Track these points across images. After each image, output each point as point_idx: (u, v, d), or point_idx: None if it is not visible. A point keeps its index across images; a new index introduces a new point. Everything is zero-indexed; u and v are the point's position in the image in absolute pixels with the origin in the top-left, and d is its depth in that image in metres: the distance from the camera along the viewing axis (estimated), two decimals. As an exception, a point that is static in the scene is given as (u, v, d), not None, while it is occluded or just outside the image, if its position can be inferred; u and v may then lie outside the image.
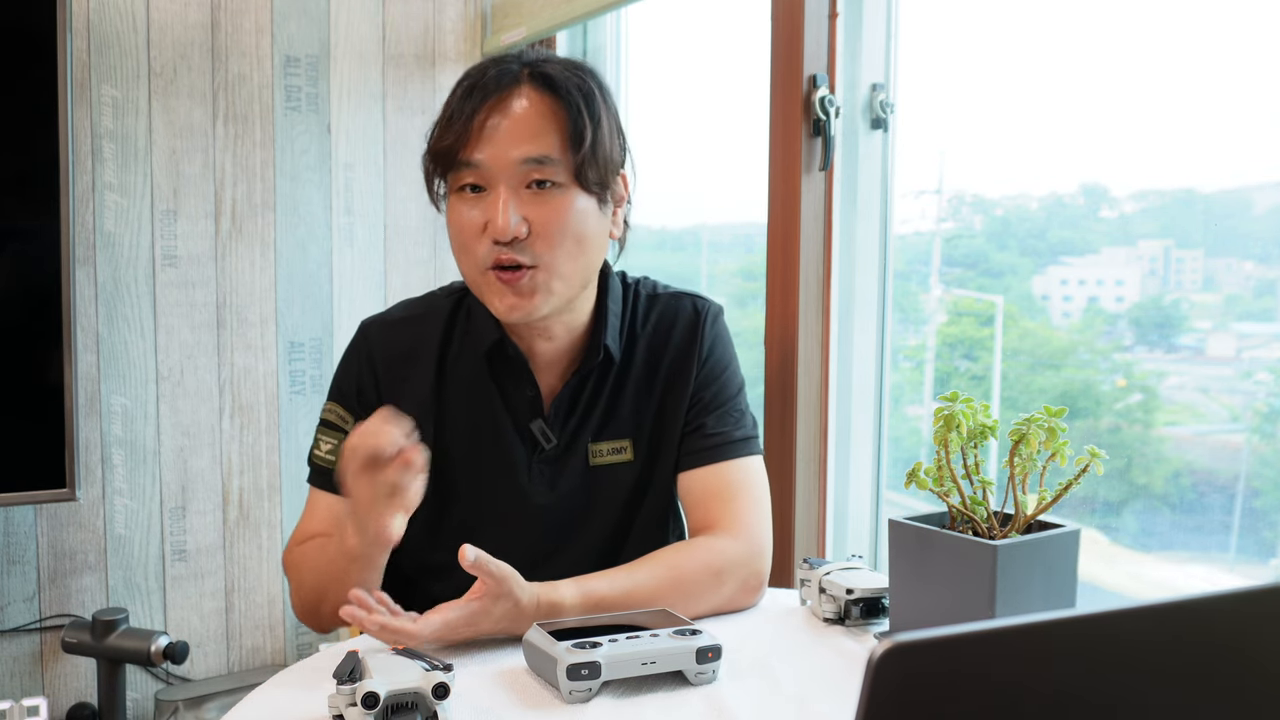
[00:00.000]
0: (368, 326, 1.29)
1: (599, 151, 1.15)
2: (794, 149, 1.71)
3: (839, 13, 1.73)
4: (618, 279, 1.30)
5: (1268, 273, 1.39)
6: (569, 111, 1.14)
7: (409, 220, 2.51)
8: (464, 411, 1.25)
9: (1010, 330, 1.68)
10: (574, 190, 1.14)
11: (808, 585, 1.16)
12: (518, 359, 1.23)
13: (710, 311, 1.30)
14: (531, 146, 1.12)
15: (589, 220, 1.16)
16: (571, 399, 1.25)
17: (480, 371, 1.25)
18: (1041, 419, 0.96)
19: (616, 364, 1.26)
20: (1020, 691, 0.48)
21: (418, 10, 2.50)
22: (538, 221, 1.13)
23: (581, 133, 1.13)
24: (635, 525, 1.28)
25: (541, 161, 1.12)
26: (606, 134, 1.17)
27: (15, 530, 2.17)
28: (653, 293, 1.31)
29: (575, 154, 1.13)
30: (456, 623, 1.01)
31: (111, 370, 2.22)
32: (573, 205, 1.14)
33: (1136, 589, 1.52)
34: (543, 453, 1.24)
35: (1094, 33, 1.53)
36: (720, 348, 1.29)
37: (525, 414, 1.24)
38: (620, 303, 1.28)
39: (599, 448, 1.25)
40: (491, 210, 1.12)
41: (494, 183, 1.13)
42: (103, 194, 2.20)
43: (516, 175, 1.13)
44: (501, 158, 1.12)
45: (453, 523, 1.26)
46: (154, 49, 2.23)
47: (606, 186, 1.18)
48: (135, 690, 2.29)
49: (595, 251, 1.19)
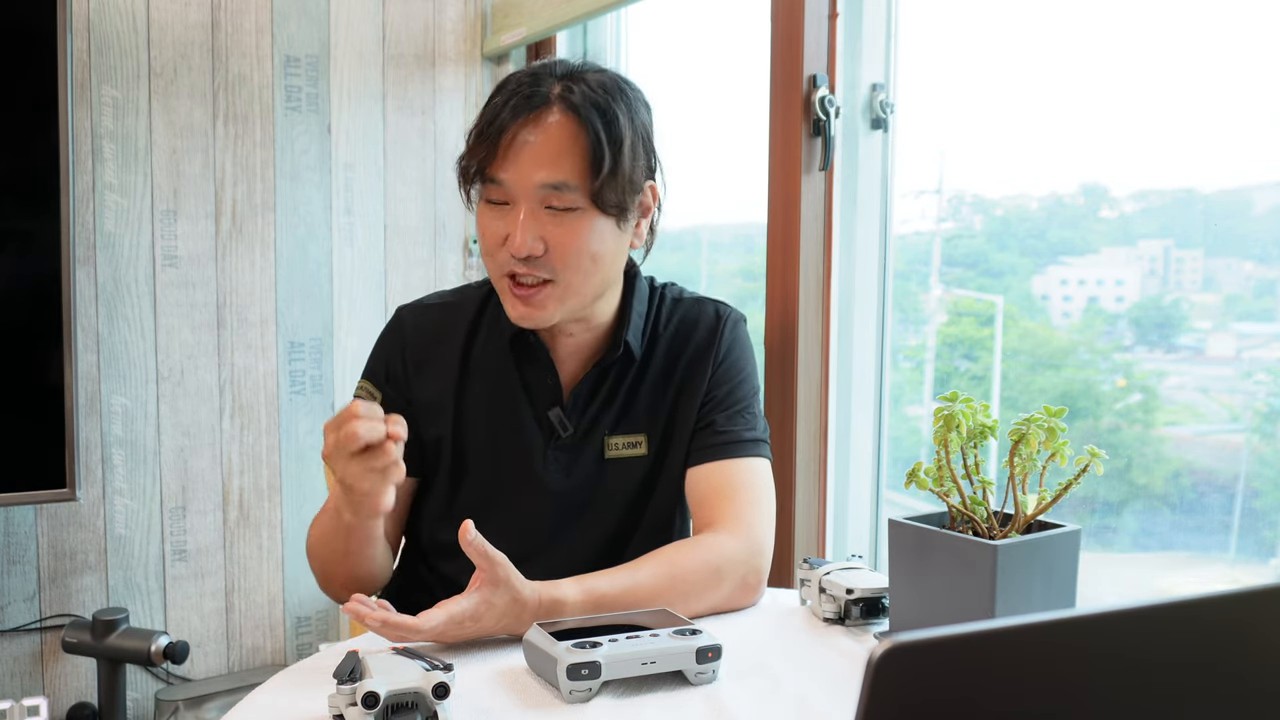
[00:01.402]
0: (402, 311, 1.35)
1: (619, 175, 1.17)
2: (794, 149, 1.71)
3: (839, 13, 1.73)
4: (645, 282, 1.33)
5: (1268, 273, 1.39)
6: (589, 138, 1.16)
7: (409, 220, 2.51)
8: (486, 395, 1.29)
9: (1010, 330, 1.68)
10: (591, 213, 1.17)
11: (808, 585, 1.16)
12: (539, 346, 1.27)
13: (731, 317, 1.34)
14: (550, 172, 1.15)
15: (606, 240, 1.19)
16: (591, 390, 1.28)
17: (505, 358, 1.28)
18: (1041, 419, 0.96)
19: (637, 361, 1.29)
20: (1020, 691, 0.48)
21: (418, 10, 2.50)
22: (554, 242, 1.16)
23: (600, 160, 1.16)
24: (644, 519, 1.30)
25: (559, 187, 1.15)
26: (628, 157, 1.19)
27: (15, 530, 2.17)
28: (678, 297, 1.35)
29: (594, 180, 1.16)
30: (460, 616, 1.02)
31: (111, 370, 2.22)
32: (590, 227, 1.17)
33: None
34: (559, 440, 1.27)
35: (1094, 32, 1.53)
36: (738, 351, 1.32)
37: (545, 401, 1.28)
38: (645, 303, 1.32)
39: (615, 440, 1.28)
40: (512, 226, 1.16)
41: (516, 201, 1.17)
42: (103, 194, 2.20)
43: (536, 196, 1.16)
44: (523, 180, 1.15)
45: (466, 502, 1.29)
46: (154, 49, 2.23)
47: (626, 208, 1.21)
48: (135, 690, 2.29)
49: (612, 266, 1.23)
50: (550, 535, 1.28)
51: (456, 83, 2.56)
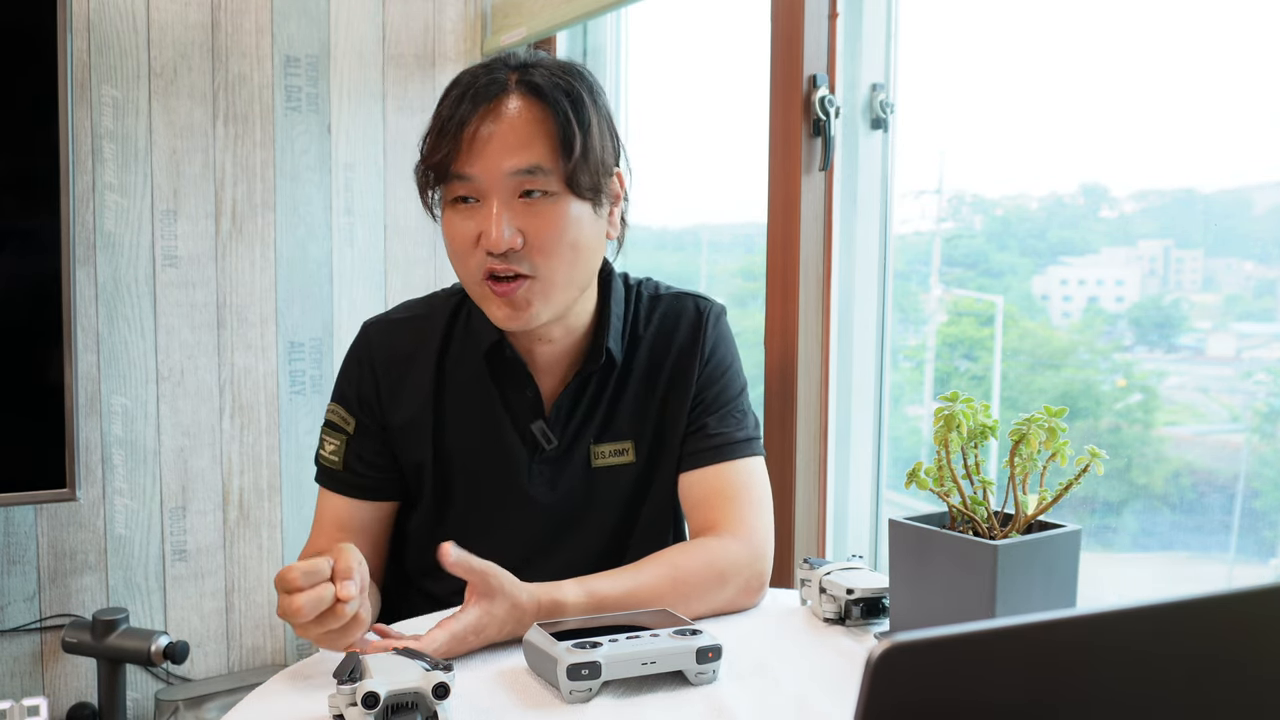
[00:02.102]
0: (368, 328, 1.30)
1: (590, 157, 1.14)
2: (794, 149, 1.71)
3: (839, 13, 1.73)
4: (620, 280, 1.30)
5: (1268, 273, 1.39)
6: (557, 119, 1.13)
7: (409, 220, 2.51)
8: (464, 412, 1.25)
9: (1010, 330, 1.68)
10: (567, 197, 1.14)
11: (808, 585, 1.16)
12: (515, 361, 1.23)
13: (713, 312, 1.30)
14: (522, 157, 1.11)
15: (584, 226, 1.16)
16: (573, 401, 1.25)
17: (481, 372, 1.25)
18: (1042, 419, 0.96)
19: (619, 366, 1.26)
20: (1020, 691, 0.48)
21: (418, 10, 2.50)
22: (532, 232, 1.12)
23: (571, 140, 1.12)
24: (637, 526, 1.28)
25: (532, 172, 1.12)
26: (597, 137, 1.16)
27: (15, 530, 2.17)
28: (655, 294, 1.31)
29: (566, 162, 1.12)
30: (463, 633, 1.01)
31: (111, 370, 2.22)
32: (566, 213, 1.14)
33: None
34: (543, 454, 1.25)
35: (1094, 32, 1.53)
36: (723, 348, 1.29)
37: (526, 415, 1.25)
38: (623, 304, 1.28)
39: (601, 449, 1.26)
40: (485, 222, 1.12)
41: (486, 195, 1.13)
42: (103, 194, 2.20)
43: (508, 187, 1.12)
44: (493, 170, 1.12)
45: (453, 523, 1.26)
46: (154, 49, 2.23)
47: (600, 190, 1.17)
48: (135, 690, 2.29)
49: (592, 256, 1.19)
50: (543, 549, 1.25)
51: (456, 83, 2.56)
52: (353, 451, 1.26)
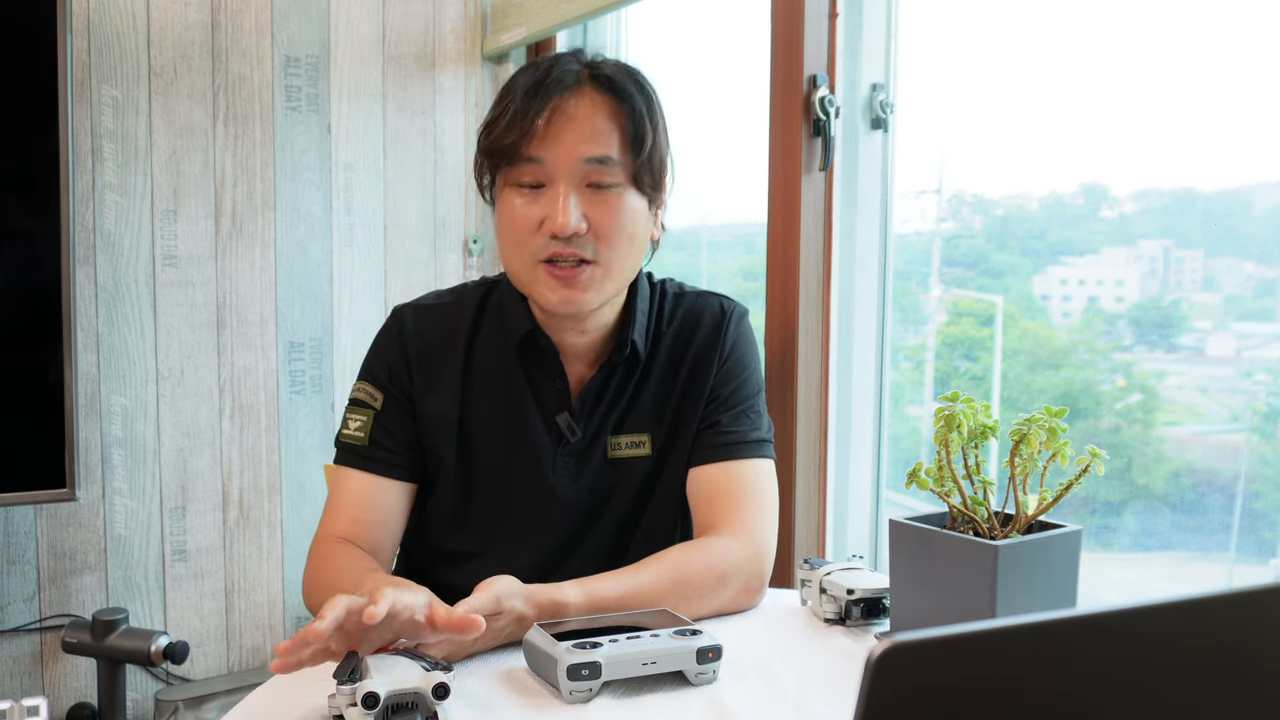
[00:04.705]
0: (401, 311, 1.31)
1: (654, 156, 1.19)
2: (794, 149, 1.71)
3: (839, 13, 1.73)
4: (645, 278, 1.32)
5: (1268, 273, 1.39)
6: (631, 114, 1.17)
7: (409, 220, 2.51)
8: (491, 401, 1.27)
9: (1010, 330, 1.68)
10: (629, 191, 1.18)
11: (808, 585, 1.16)
12: (549, 350, 1.25)
13: (735, 312, 1.32)
14: (594, 146, 1.15)
15: (640, 220, 1.20)
16: (597, 393, 1.27)
17: (509, 362, 1.26)
18: (1042, 419, 0.96)
19: (642, 360, 1.28)
20: (1020, 691, 0.48)
21: (418, 10, 2.50)
22: (596, 220, 1.16)
23: (642, 136, 1.17)
24: (645, 518, 1.29)
25: (603, 162, 1.15)
26: (662, 138, 1.20)
27: (15, 530, 2.17)
28: (679, 291, 1.34)
29: (635, 157, 1.16)
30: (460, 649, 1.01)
31: (111, 370, 2.22)
32: (628, 206, 1.18)
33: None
34: (568, 445, 1.26)
35: (1094, 33, 1.53)
36: (742, 348, 1.31)
37: (552, 406, 1.26)
38: (648, 301, 1.30)
39: (618, 440, 1.27)
40: (551, 207, 1.15)
41: (554, 180, 1.16)
42: (103, 194, 2.20)
43: (577, 174, 1.15)
44: (565, 156, 1.15)
45: (475, 509, 1.28)
46: (154, 49, 2.23)
47: (658, 189, 1.22)
48: (135, 690, 2.29)
49: (642, 251, 1.23)
50: (559, 539, 1.27)
51: (456, 83, 2.56)
52: (380, 427, 1.26)
